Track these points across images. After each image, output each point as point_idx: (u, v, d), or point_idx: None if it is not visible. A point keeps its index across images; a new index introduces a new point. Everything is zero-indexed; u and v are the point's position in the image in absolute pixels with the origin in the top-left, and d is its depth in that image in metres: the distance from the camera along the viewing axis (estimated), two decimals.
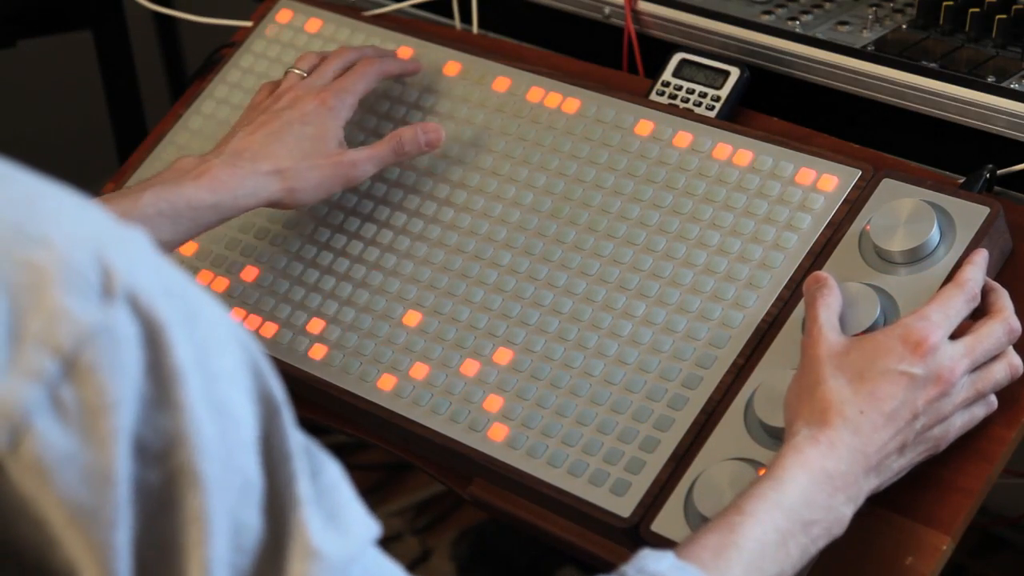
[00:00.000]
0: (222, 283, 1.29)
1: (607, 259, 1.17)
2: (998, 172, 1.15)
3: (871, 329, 1.05)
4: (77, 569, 0.69)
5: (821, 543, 0.96)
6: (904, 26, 1.27)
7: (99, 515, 0.67)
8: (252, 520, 0.71)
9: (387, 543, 1.34)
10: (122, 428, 0.67)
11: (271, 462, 0.72)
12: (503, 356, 1.15)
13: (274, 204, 1.19)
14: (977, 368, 1.02)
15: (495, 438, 1.12)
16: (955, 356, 1.00)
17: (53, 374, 0.65)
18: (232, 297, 1.27)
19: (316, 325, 1.23)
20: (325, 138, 1.21)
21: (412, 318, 1.20)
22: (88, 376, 0.66)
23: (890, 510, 1.03)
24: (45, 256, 0.66)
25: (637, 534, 1.04)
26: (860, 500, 0.98)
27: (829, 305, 1.04)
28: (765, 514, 0.94)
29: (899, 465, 1.00)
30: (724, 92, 1.26)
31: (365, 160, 1.21)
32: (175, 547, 0.69)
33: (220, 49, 1.45)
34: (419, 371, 1.17)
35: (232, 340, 0.71)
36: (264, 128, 1.20)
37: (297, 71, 1.27)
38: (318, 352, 1.21)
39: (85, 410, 0.66)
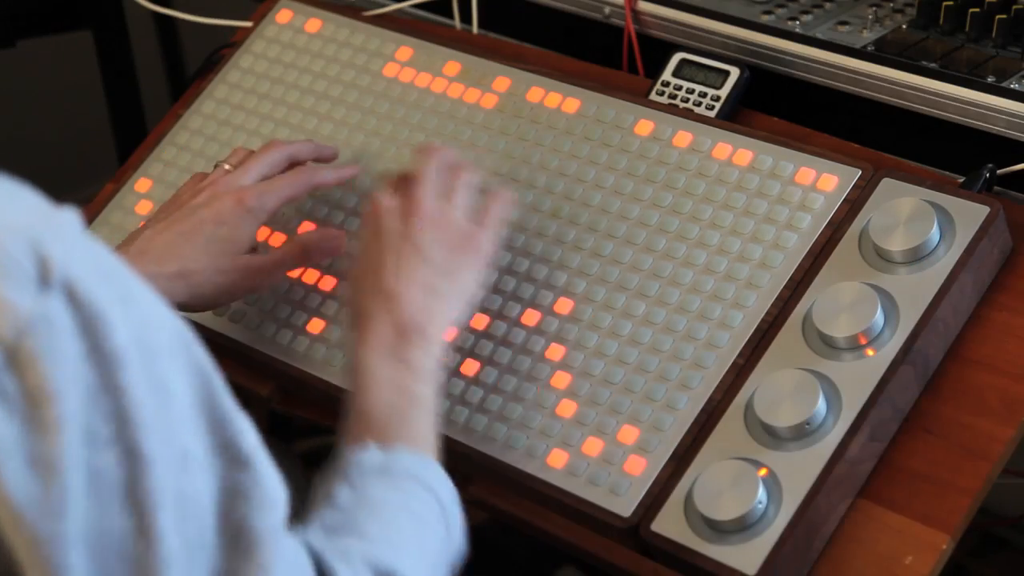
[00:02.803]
0: None
1: (607, 259, 1.17)
2: (998, 172, 1.15)
3: (870, 329, 1.05)
4: (22, 569, 0.70)
5: (425, 361, 1.03)
6: (904, 26, 1.27)
7: (45, 505, 0.69)
8: (196, 488, 0.74)
9: None
10: (68, 415, 0.68)
11: (212, 427, 0.75)
12: (503, 356, 1.15)
13: (178, 307, 1.13)
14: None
15: (495, 437, 1.12)
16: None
17: None
18: None
19: (316, 325, 1.23)
20: (237, 240, 1.13)
21: None
22: (29, 365, 0.67)
23: (889, 509, 1.03)
24: None
25: (637, 534, 1.04)
26: (423, 308, 1.04)
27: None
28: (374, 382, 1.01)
29: (438, 261, 1.06)
30: (724, 92, 1.26)
31: (272, 267, 1.16)
32: (128, 526, 0.71)
33: (220, 49, 1.45)
34: None
35: (164, 316, 0.74)
36: (176, 227, 1.13)
37: (226, 166, 1.20)
38: (317, 352, 1.21)
39: (27, 398, 0.67)
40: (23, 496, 0.68)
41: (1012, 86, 1.17)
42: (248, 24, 1.46)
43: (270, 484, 0.78)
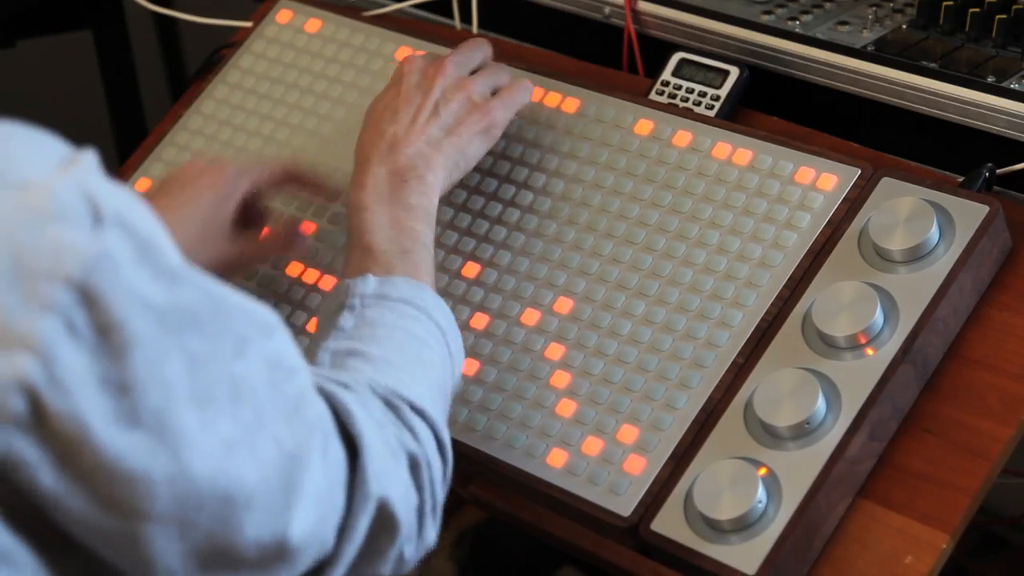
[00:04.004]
0: None
1: (607, 258, 1.17)
2: (998, 171, 1.15)
3: (870, 329, 1.05)
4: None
5: (421, 200, 1.10)
6: (904, 26, 1.27)
7: (120, 422, 0.73)
8: (251, 369, 0.79)
9: None
10: (137, 339, 0.73)
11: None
12: (503, 355, 1.15)
13: None
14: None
15: (494, 437, 1.12)
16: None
17: (67, 303, 0.71)
18: None
19: (316, 324, 1.22)
20: (216, 215, 1.16)
21: None
22: (97, 300, 0.72)
23: (889, 509, 1.03)
24: (34, 198, 0.71)
25: (637, 533, 1.04)
26: (419, 156, 1.11)
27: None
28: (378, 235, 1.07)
29: (449, 116, 1.14)
30: (723, 92, 1.26)
31: (253, 254, 1.19)
32: (194, 423, 0.76)
33: (220, 49, 1.45)
34: None
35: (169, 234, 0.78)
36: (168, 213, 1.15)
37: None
38: None
39: (97, 330, 0.72)
40: (98, 419, 0.72)
41: (1012, 86, 1.17)
42: (248, 24, 1.46)
43: (290, 349, 0.83)
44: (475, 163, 1.16)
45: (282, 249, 1.21)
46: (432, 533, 0.95)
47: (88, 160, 0.74)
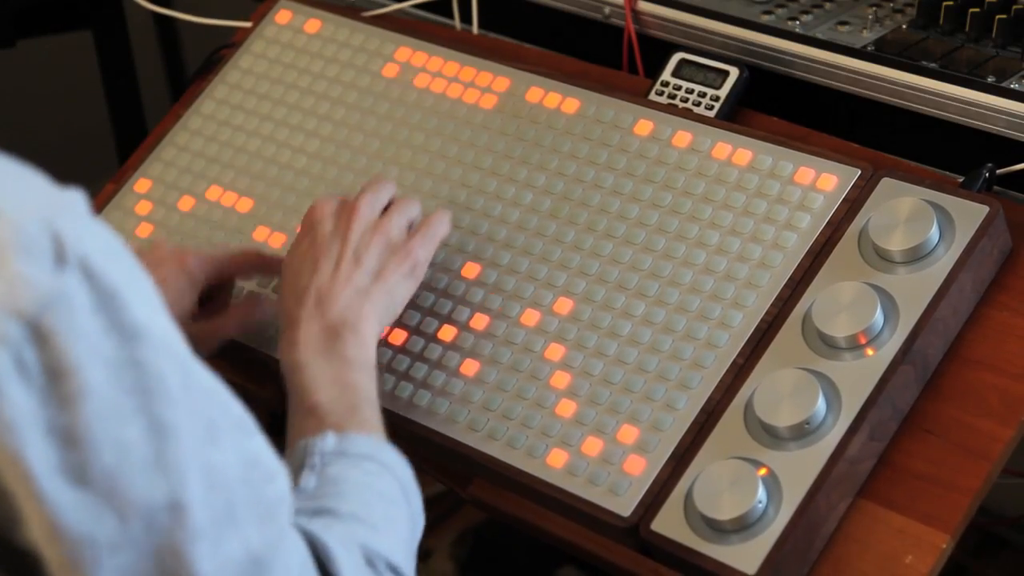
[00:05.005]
0: None
1: (606, 258, 1.17)
2: (998, 172, 1.15)
3: (870, 329, 1.05)
4: (39, 548, 0.71)
5: (359, 352, 1.05)
6: (904, 26, 1.27)
7: (67, 476, 0.70)
8: (224, 459, 0.75)
9: None
10: (90, 388, 0.70)
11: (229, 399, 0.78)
12: (503, 356, 1.15)
13: None
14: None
15: (495, 438, 1.12)
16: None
17: (18, 338, 0.68)
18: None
19: None
20: (177, 304, 1.14)
21: (412, 316, 1.20)
22: (49, 339, 0.69)
23: (889, 509, 1.03)
24: (0, 227, 0.68)
25: (637, 533, 1.04)
26: (352, 310, 1.07)
27: None
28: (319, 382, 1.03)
29: (370, 268, 1.09)
30: (723, 92, 1.26)
31: (210, 333, 1.17)
32: (156, 499, 0.72)
33: (220, 49, 1.45)
34: (418, 370, 1.17)
35: (155, 291, 0.75)
36: None
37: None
38: None
39: (48, 372, 0.69)
40: (42, 466, 0.69)
41: (1012, 86, 1.17)
42: (248, 24, 1.46)
43: (271, 454, 0.80)
44: (404, 305, 1.12)
45: (243, 326, 1.18)
46: None
47: (69, 200, 0.72)
